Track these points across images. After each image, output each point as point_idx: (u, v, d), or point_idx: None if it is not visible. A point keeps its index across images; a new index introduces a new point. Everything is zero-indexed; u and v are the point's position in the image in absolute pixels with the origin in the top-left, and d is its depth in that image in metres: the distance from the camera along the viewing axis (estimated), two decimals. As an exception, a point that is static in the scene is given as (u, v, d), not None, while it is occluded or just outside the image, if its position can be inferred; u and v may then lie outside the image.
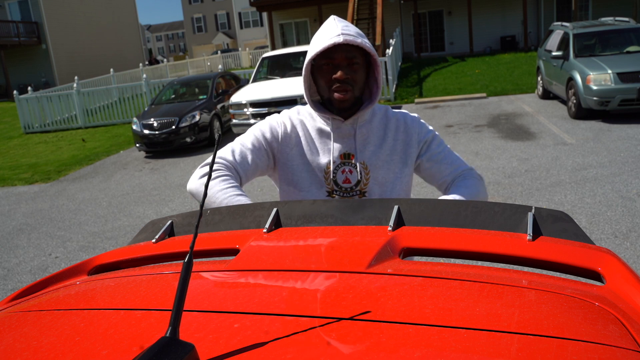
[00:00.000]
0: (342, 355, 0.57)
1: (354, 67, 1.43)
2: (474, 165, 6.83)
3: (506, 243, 0.95)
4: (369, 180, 1.52)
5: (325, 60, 1.43)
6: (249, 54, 35.73)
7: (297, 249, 0.96)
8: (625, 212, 4.79)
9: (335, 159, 1.51)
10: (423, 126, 1.57)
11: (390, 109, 1.60)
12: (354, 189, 1.52)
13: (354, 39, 1.39)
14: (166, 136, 9.95)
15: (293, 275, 0.83)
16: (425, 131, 1.56)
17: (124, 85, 15.58)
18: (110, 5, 33.40)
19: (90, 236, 5.90)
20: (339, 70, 1.41)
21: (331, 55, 1.41)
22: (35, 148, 12.97)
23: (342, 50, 1.41)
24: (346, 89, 1.43)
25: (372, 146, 1.52)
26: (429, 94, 13.35)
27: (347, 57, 1.41)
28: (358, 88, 1.46)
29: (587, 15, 21.70)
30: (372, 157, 1.52)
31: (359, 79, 1.45)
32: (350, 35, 1.40)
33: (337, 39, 1.38)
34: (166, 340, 0.55)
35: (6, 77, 27.08)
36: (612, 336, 0.63)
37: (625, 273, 0.85)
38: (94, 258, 1.16)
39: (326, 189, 1.53)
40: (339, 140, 1.52)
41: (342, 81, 1.42)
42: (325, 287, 0.77)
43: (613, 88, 8.17)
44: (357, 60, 1.43)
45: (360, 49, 1.43)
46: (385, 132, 1.54)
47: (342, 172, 1.51)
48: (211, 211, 1.26)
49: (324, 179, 1.52)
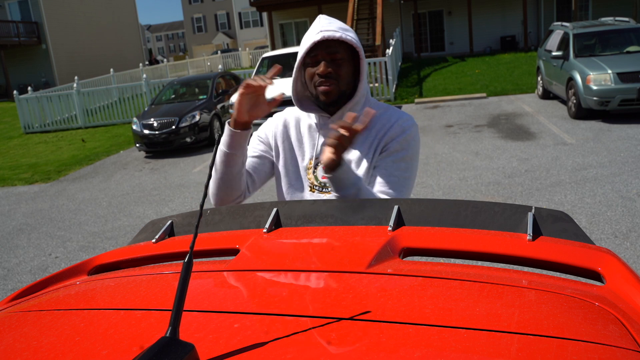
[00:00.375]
0: (342, 355, 0.57)
1: (337, 61, 1.44)
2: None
3: (506, 243, 0.95)
4: None
5: (310, 58, 1.46)
6: (249, 54, 35.74)
7: (297, 249, 0.96)
8: (625, 212, 4.79)
9: (318, 154, 1.54)
10: (402, 137, 1.49)
11: (393, 109, 1.58)
12: (329, 185, 1.53)
13: (333, 34, 1.41)
14: (166, 136, 9.95)
15: (293, 275, 0.83)
16: (396, 142, 1.48)
17: (124, 85, 15.58)
18: (110, 5, 33.40)
19: (90, 236, 5.90)
20: (321, 66, 1.43)
21: (314, 52, 1.44)
22: (35, 148, 12.98)
23: (323, 47, 1.43)
24: (329, 82, 1.44)
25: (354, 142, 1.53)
26: (429, 94, 13.36)
27: (329, 53, 1.43)
28: (344, 82, 1.47)
29: (587, 15, 21.70)
30: (351, 153, 1.52)
31: (344, 73, 1.46)
32: (330, 30, 1.42)
33: (316, 37, 1.41)
34: (166, 340, 0.55)
35: (6, 77, 27.09)
36: (612, 336, 0.63)
37: (625, 273, 0.85)
38: (94, 258, 1.16)
39: (308, 184, 1.56)
40: (324, 136, 1.54)
41: (324, 75, 1.43)
42: (325, 287, 0.77)
43: (613, 88, 8.17)
44: (340, 55, 1.44)
45: (344, 43, 1.45)
46: (370, 130, 1.52)
47: (322, 168, 1.53)
48: (211, 211, 1.26)
49: (306, 174, 1.56)
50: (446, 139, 8.58)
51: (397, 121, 1.51)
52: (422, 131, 9.45)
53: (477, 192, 5.82)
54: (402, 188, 1.49)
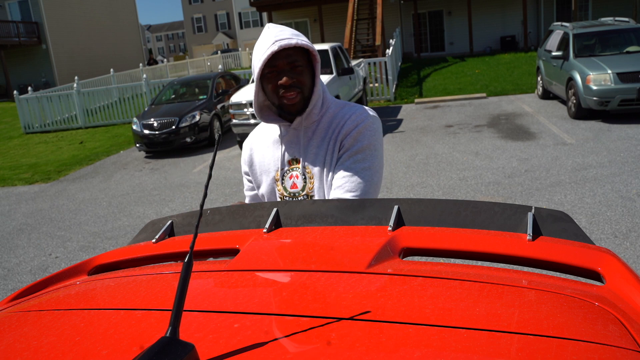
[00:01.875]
0: (342, 355, 0.57)
1: (297, 69, 1.43)
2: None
3: (506, 243, 0.95)
4: (314, 184, 1.51)
5: (269, 68, 1.43)
6: (249, 54, 35.73)
7: (297, 249, 0.96)
8: (625, 212, 4.79)
9: (283, 165, 1.54)
10: (356, 131, 1.46)
11: (349, 105, 1.54)
12: (300, 194, 1.53)
13: (289, 41, 1.39)
14: (166, 136, 9.95)
15: (293, 275, 0.83)
16: (351, 138, 1.46)
17: (124, 85, 15.58)
18: (110, 5, 33.40)
19: (90, 236, 5.90)
20: (283, 76, 1.41)
21: (273, 63, 1.41)
22: (35, 148, 12.98)
23: (282, 57, 1.41)
24: (294, 92, 1.43)
25: (315, 148, 1.50)
26: (429, 94, 13.36)
27: (289, 62, 1.41)
28: (306, 89, 1.46)
29: (587, 16, 21.70)
30: (314, 160, 1.50)
31: (305, 80, 1.45)
32: (285, 39, 1.40)
33: (273, 48, 1.38)
34: (166, 340, 0.55)
35: (6, 77, 27.09)
36: (612, 336, 0.63)
37: (625, 273, 0.85)
38: (94, 258, 1.16)
39: (279, 195, 1.56)
40: (287, 145, 1.54)
41: (287, 86, 1.42)
42: (325, 287, 0.77)
43: (613, 88, 8.17)
44: (299, 63, 1.43)
45: (300, 49, 1.43)
46: (327, 131, 1.50)
47: (290, 178, 1.54)
48: (211, 211, 1.26)
49: (276, 185, 1.56)
50: (446, 139, 8.58)
51: (350, 117, 1.48)
52: (422, 131, 9.46)
53: (477, 192, 5.82)
54: (364, 181, 1.44)
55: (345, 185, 1.44)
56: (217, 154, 6.67)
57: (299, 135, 1.52)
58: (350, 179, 1.44)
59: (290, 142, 1.53)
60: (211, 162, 0.73)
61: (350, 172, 1.44)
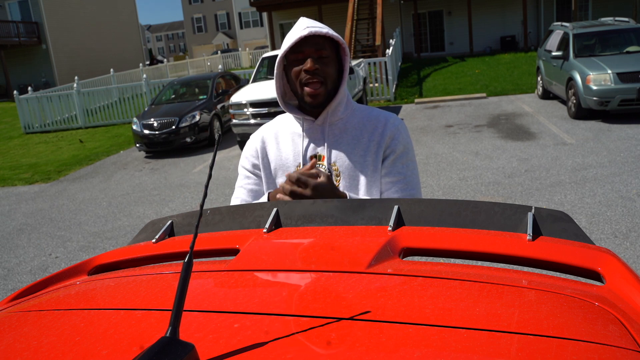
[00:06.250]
0: (342, 355, 0.57)
1: (323, 59, 1.39)
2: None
3: (506, 243, 0.95)
4: (340, 183, 1.46)
5: (294, 54, 1.40)
6: (249, 54, 35.74)
7: (297, 249, 0.96)
8: (625, 212, 4.79)
9: (305, 160, 1.48)
10: (400, 135, 1.47)
11: (377, 110, 1.53)
12: None
13: (320, 30, 1.37)
14: (166, 136, 9.95)
15: (293, 275, 0.83)
16: (398, 142, 1.46)
17: (124, 85, 15.59)
18: (110, 6, 33.40)
19: (90, 236, 5.90)
20: (308, 61, 1.38)
21: (300, 48, 1.39)
22: (35, 148, 12.98)
23: (310, 44, 1.38)
24: (317, 80, 1.39)
25: (345, 146, 1.46)
26: (429, 94, 13.36)
27: (316, 49, 1.38)
28: (330, 82, 1.42)
29: (587, 16, 21.70)
30: (344, 159, 1.45)
31: (330, 71, 1.41)
32: (316, 27, 1.38)
33: (303, 32, 1.36)
34: (166, 340, 0.55)
35: (6, 77, 27.09)
36: (612, 336, 0.63)
37: (625, 273, 0.85)
38: (94, 258, 1.16)
39: None
40: (310, 141, 1.49)
41: (312, 72, 1.38)
42: (325, 287, 0.77)
43: (613, 88, 8.17)
44: (326, 53, 1.39)
45: (329, 41, 1.40)
46: (361, 132, 1.46)
47: None
48: (211, 211, 1.26)
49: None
50: (446, 139, 8.58)
51: (387, 120, 1.47)
52: (422, 131, 9.46)
53: (477, 192, 5.82)
54: (417, 185, 1.48)
55: (402, 186, 1.45)
56: (217, 154, 6.67)
57: (323, 132, 1.48)
58: (404, 180, 1.46)
59: (313, 139, 1.48)
60: (211, 162, 0.73)
61: (403, 174, 1.46)
